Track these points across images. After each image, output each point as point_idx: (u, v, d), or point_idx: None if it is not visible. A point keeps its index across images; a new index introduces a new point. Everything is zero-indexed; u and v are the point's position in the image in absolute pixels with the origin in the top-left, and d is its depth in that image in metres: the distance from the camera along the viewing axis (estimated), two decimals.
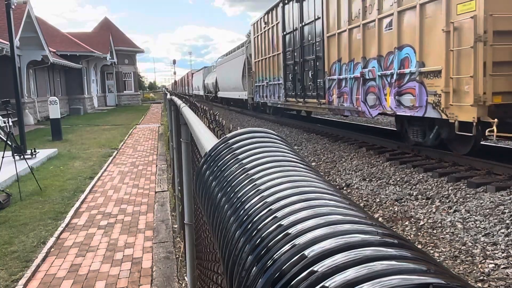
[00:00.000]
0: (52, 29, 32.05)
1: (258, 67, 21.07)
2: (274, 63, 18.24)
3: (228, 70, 28.55)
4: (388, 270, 0.32)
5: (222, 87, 32.01)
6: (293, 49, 15.76)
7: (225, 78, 30.00)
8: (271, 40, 18.51)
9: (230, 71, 27.81)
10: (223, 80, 30.96)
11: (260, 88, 20.86)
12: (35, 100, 23.18)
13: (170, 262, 4.35)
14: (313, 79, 13.90)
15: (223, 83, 31.13)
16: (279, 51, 17.37)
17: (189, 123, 2.13)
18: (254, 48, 21.57)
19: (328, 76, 12.50)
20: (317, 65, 13.46)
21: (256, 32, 20.99)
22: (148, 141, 14.20)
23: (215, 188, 0.66)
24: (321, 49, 12.99)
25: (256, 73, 21.53)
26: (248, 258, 0.43)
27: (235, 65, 26.26)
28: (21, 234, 5.24)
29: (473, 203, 6.06)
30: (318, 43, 13.30)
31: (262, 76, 20.31)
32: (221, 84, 32.44)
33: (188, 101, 3.60)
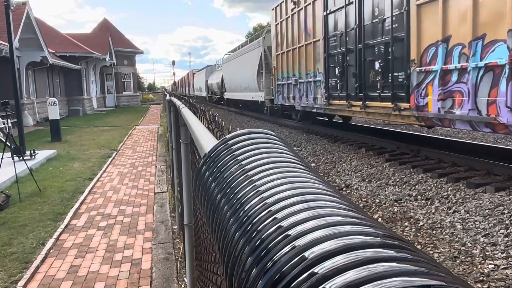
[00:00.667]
0: (51, 30, 32.05)
1: (281, 61, 16.82)
2: (308, 54, 14.06)
3: (238, 67, 24.86)
4: (388, 272, 0.32)
5: (230, 87, 28.50)
6: (343, 32, 11.53)
7: (234, 77, 26.40)
8: (303, 25, 14.32)
9: (241, 68, 24.01)
10: (232, 79, 27.36)
11: (284, 87, 16.79)
12: (34, 101, 23.17)
13: (169, 263, 4.35)
14: (382, 73, 9.75)
15: (232, 82, 27.52)
16: (316, 38, 13.26)
17: (188, 124, 2.13)
18: (276, 38, 17.25)
19: (417, 67, 8.39)
20: (391, 52, 9.31)
21: (279, 17, 16.61)
22: (147, 142, 14.19)
23: (214, 189, 0.66)
24: (402, 26, 8.85)
25: (279, 68, 17.24)
26: (248, 259, 0.43)
27: (248, 60, 22.43)
28: (20, 235, 5.24)
29: (473, 203, 6.06)
30: (396, 18, 9.14)
31: (287, 72, 16.20)
32: (228, 83, 28.93)
33: (187, 102, 3.60)
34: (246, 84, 23.16)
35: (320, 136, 13.76)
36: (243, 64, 23.38)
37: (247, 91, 23.43)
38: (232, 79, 27.31)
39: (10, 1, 10.63)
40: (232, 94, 28.49)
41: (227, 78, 29.02)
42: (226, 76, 29.33)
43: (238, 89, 25.81)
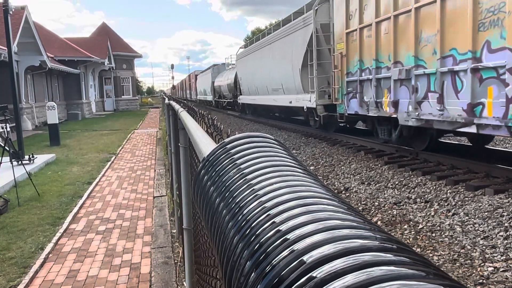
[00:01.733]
0: (50, 34, 32.08)
1: (359, 42, 10.44)
2: (430, 20, 7.88)
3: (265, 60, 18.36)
4: (387, 275, 0.32)
5: (249, 88, 22.28)
6: None
7: (256, 75, 20.17)
8: None
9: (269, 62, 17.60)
10: (252, 78, 21.13)
11: (363, 86, 10.50)
12: (33, 105, 23.16)
13: (168, 267, 4.34)
14: None
15: (252, 82, 21.24)
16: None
17: (187, 128, 2.13)
18: (347, 6, 10.91)
19: None
20: None
21: None
22: (146, 146, 14.18)
23: (213, 193, 0.66)
24: None
25: (352, 55, 10.96)
26: (246, 263, 0.43)
27: (284, 48, 15.89)
28: (19, 240, 5.22)
29: (472, 206, 6.06)
30: None
31: (375, 59, 9.76)
32: (246, 84, 22.84)
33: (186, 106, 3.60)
34: (277, 84, 16.54)
35: (319, 139, 13.76)
36: (275, 56, 16.82)
37: (279, 93, 16.66)
38: (252, 78, 21.16)
39: (8, 6, 10.64)
40: (252, 98, 22.14)
41: (244, 78, 23.16)
42: (243, 74, 23.65)
43: (262, 90, 19.29)
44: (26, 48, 20.90)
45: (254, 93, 21.91)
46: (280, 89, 16.84)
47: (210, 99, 38.61)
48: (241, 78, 24.50)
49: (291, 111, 17.55)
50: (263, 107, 21.53)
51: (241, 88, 24.96)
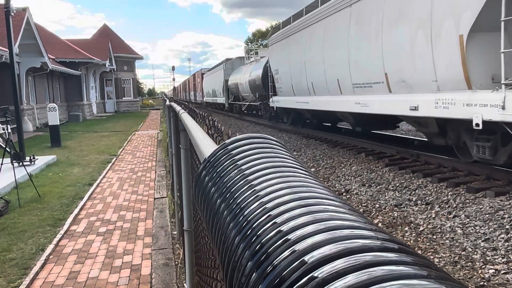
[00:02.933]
0: (51, 36, 32.14)
1: None
2: None
3: (337, 34, 11.39)
4: (388, 275, 0.32)
5: (295, 85, 15.19)
6: None
7: (314, 62, 13.11)
8: None
9: (349, 34, 10.59)
10: (303, 69, 14.05)
11: None
12: (34, 107, 23.19)
13: (169, 268, 4.33)
14: None
15: (301, 75, 14.36)
16: None
17: (188, 129, 2.14)
18: None
19: None
20: None
21: None
22: (147, 148, 14.19)
23: (214, 194, 0.66)
24: None
25: None
26: (247, 264, 0.43)
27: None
28: (20, 241, 5.22)
29: (473, 208, 6.05)
30: None
31: None
32: (289, 79, 15.68)
33: (187, 107, 3.60)
34: (373, 74, 9.65)
35: (319, 141, 13.76)
36: (367, 22, 9.81)
37: (377, 91, 9.64)
38: (302, 70, 14.12)
39: (10, 7, 10.66)
40: (299, 101, 14.87)
41: (285, 70, 16.12)
42: (282, 66, 16.50)
43: (325, 88, 12.40)
44: (28, 50, 20.96)
45: (303, 92, 14.28)
46: (381, 83, 9.25)
47: (221, 102, 31.73)
48: (278, 71, 17.04)
49: (390, 121, 11.35)
50: (322, 114, 14.04)
51: (277, 86, 17.47)
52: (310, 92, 13.98)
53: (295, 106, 15.67)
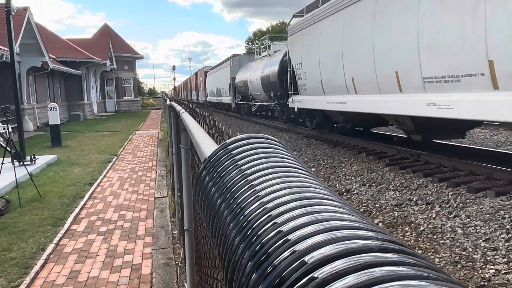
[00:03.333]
0: (51, 35, 32.16)
1: None
2: None
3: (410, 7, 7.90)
4: (388, 276, 0.32)
5: (326, 81, 12.34)
6: None
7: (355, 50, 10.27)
8: None
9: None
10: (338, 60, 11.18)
11: None
12: (34, 106, 23.20)
13: (169, 268, 4.34)
14: None
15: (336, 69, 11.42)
16: None
17: (188, 129, 2.14)
18: None
19: None
20: None
21: None
22: (147, 147, 14.19)
23: (214, 194, 0.66)
24: None
25: None
26: (247, 264, 0.43)
27: None
28: (20, 240, 5.23)
29: (473, 208, 6.05)
30: None
31: None
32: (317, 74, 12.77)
33: (188, 107, 3.60)
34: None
35: (320, 140, 13.75)
36: None
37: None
38: (337, 62, 11.24)
39: (11, 7, 10.67)
40: (331, 101, 12.09)
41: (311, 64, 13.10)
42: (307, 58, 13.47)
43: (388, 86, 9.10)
44: (28, 49, 20.96)
45: (338, 90, 11.38)
46: (479, 75, 6.70)
47: (227, 101, 29.18)
48: (301, 65, 14.00)
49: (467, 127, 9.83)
50: (362, 117, 11.43)
51: (299, 83, 14.58)
52: (348, 90, 10.85)
53: (325, 107, 12.64)
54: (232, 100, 27.82)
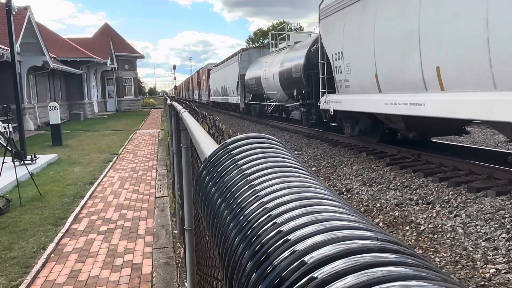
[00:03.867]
0: (52, 34, 32.16)
1: None
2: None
3: None
4: (388, 276, 0.32)
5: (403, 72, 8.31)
6: None
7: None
8: None
9: None
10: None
11: None
12: (35, 105, 23.21)
13: (170, 267, 4.34)
14: None
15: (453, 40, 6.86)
16: None
17: (189, 129, 2.14)
18: None
19: None
20: None
21: None
22: (148, 147, 14.20)
23: (214, 194, 0.66)
24: None
25: None
26: (247, 264, 0.43)
27: None
28: (21, 239, 5.23)
29: (474, 207, 6.05)
30: None
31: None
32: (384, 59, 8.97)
33: (188, 106, 3.60)
34: None
35: (320, 140, 13.75)
36: None
37: None
38: (441, 41, 7.17)
39: (11, 6, 10.67)
40: (426, 101, 7.77)
41: (367, 52, 9.60)
42: (358, 45, 10.05)
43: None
44: (29, 49, 20.97)
45: (409, 86, 8.34)
46: None
47: (235, 102, 26.27)
48: (341, 55, 11.10)
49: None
50: (448, 124, 9.15)
51: (338, 78, 11.62)
52: (427, 87, 7.79)
53: (381, 109, 9.39)
54: (241, 100, 24.60)
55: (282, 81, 17.07)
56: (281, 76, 17.07)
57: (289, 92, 16.58)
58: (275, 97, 18.97)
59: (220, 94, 31.21)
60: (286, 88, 16.81)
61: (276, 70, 17.57)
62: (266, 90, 19.61)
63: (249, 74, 22.57)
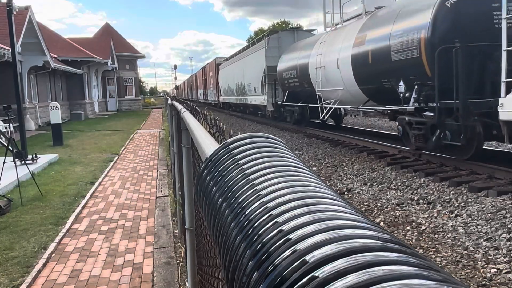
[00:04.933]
0: (53, 34, 32.18)
1: None
2: None
3: None
4: (389, 275, 0.32)
5: None
6: None
7: None
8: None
9: None
10: None
11: None
12: (36, 105, 23.23)
13: (171, 267, 4.34)
14: None
15: None
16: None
17: (190, 128, 2.14)
18: None
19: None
20: None
21: None
22: (149, 146, 14.20)
23: (215, 193, 0.66)
24: None
25: None
26: (249, 263, 0.43)
27: None
28: (22, 239, 5.24)
29: (475, 207, 6.04)
30: None
31: None
32: None
33: (189, 106, 3.60)
34: None
35: (321, 140, 13.74)
36: None
37: None
38: None
39: (12, 6, 10.67)
40: None
41: None
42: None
43: None
44: (30, 48, 20.97)
45: None
46: None
47: (258, 103, 20.37)
48: None
49: None
50: None
51: None
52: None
53: None
54: (268, 100, 18.67)
55: (359, 70, 10.96)
56: (357, 61, 10.93)
57: (374, 87, 10.70)
58: (334, 97, 13.07)
59: (234, 93, 25.49)
60: (367, 81, 10.83)
61: (345, 54, 11.54)
62: (322, 86, 13.35)
63: (285, 64, 16.87)
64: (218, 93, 32.06)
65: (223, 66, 29.67)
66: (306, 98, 15.60)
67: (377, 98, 11.15)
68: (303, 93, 15.84)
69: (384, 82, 10.10)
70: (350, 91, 11.98)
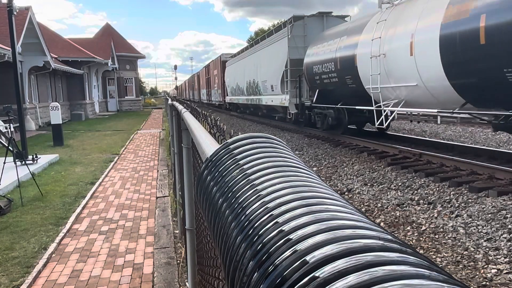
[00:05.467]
0: (53, 35, 32.19)
1: None
2: None
3: None
4: (389, 275, 0.32)
5: None
6: None
7: None
8: None
9: None
10: None
11: None
12: (36, 105, 23.23)
13: (171, 267, 4.34)
14: None
15: None
16: None
17: (190, 128, 2.14)
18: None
19: None
20: None
21: None
22: (149, 147, 14.20)
23: (216, 193, 0.66)
24: None
25: None
26: (249, 263, 0.43)
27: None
28: (22, 239, 5.24)
29: (475, 208, 6.04)
30: None
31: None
32: None
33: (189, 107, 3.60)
34: None
35: (322, 140, 13.74)
36: None
37: None
38: None
39: (13, 6, 10.68)
40: None
41: None
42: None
43: None
44: (30, 49, 20.98)
45: None
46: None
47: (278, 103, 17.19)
48: None
49: None
50: None
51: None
52: None
53: None
54: (291, 100, 15.57)
55: (455, 56, 7.54)
56: (452, 43, 7.50)
57: (483, 83, 7.21)
58: (395, 96, 9.87)
59: (245, 93, 22.12)
60: (470, 73, 7.38)
61: (426, 35, 8.18)
62: (378, 81, 10.12)
63: (315, 56, 13.77)
64: (223, 93, 28.87)
65: (230, 63, 26.52)
66: (346, 99, 12.51)
67: (483, 99, 7.50)
68: (341, 92, 12.52)
69: (508, 74, 6.53)
70: (431, 88, 8.35)
